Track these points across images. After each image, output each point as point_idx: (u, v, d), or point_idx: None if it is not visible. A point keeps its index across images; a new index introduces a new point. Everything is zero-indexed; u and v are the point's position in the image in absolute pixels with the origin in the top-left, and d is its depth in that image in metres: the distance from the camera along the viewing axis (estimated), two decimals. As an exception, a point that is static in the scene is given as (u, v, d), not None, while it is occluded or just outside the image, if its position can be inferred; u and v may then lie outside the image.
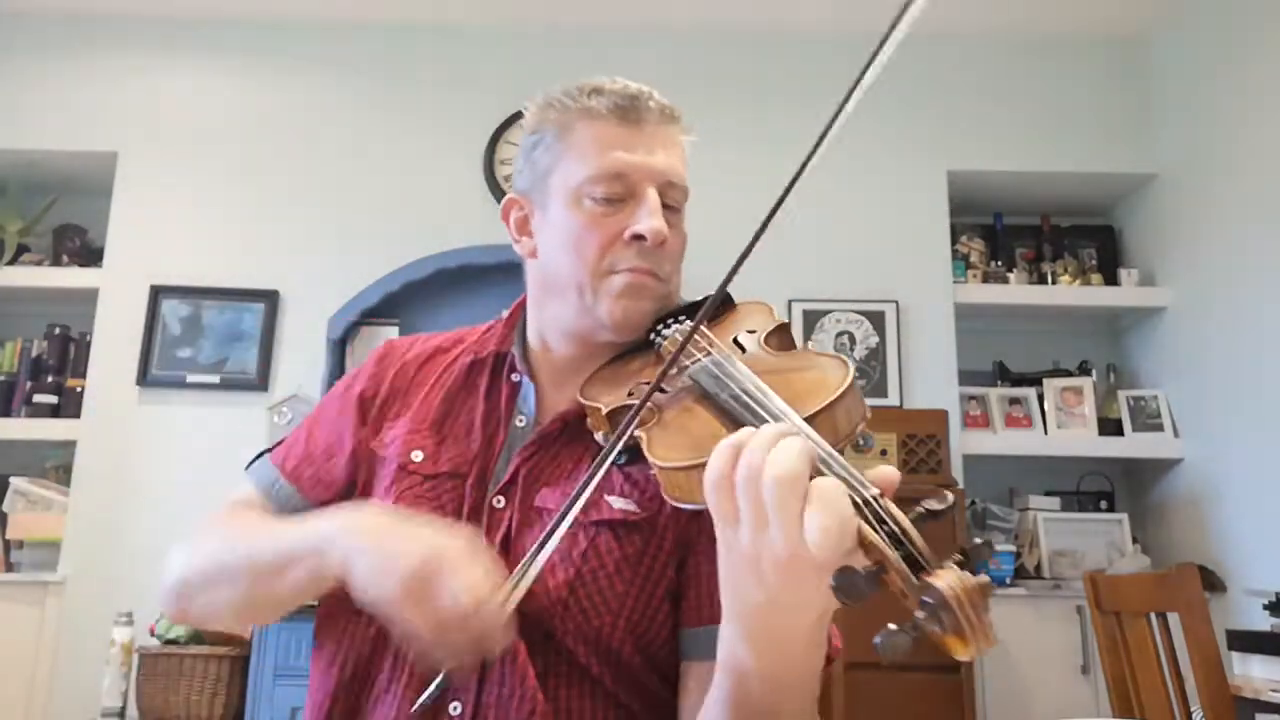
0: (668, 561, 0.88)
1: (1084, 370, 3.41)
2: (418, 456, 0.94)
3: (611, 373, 0.92)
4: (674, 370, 0.80)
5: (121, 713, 2.61)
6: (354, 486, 0.99)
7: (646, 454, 0.73)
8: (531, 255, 0.99)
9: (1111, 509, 3.29)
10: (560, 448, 0.93)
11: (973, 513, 3.10)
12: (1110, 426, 3.24)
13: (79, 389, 3.19)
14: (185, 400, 3.16)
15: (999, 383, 3.42)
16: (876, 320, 3.27)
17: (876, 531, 0.56)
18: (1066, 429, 3.25)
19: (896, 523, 0.56)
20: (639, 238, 0.90)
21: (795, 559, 0.57)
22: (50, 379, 3.24)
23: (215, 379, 3.18)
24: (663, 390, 0.81)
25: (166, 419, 3.15)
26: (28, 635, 2.95)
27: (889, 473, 0.60)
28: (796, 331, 3.25)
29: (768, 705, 0.70)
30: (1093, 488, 3.35)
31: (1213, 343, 3.06)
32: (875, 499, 0.57)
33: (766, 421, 0.66)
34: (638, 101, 0.93)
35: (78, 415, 3.15)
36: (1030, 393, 3.32)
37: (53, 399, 3.21)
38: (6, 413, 3.21)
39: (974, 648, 0.52)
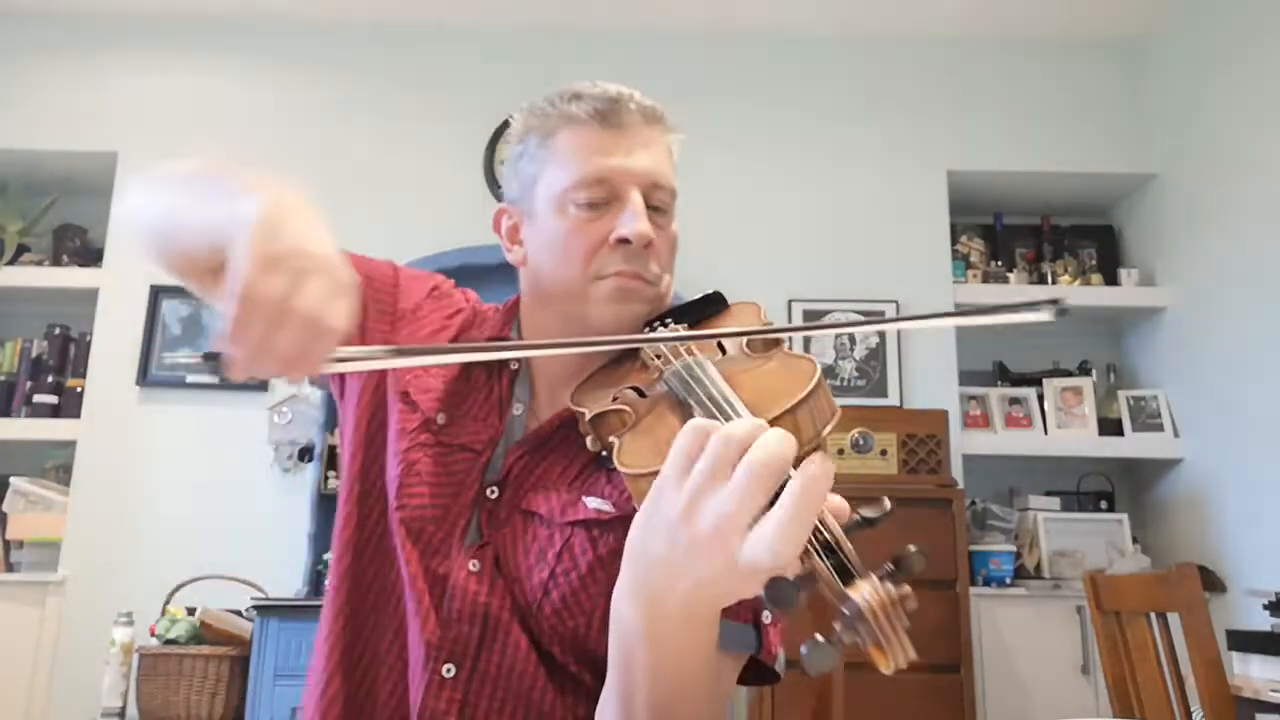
0: None
1: (1084, 370, 3.41)
2: (440, 419, 0.95)
3: (602, 378, 0.92)
4: (653, 374, 0.80)
5: (121, 713, 2.61)
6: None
7: (615, 461, 0.72)
8: (522, 263, 0.99)
9: (1111, 509, 3.29)
10: (552, 450, 0.94)
11: (973, 513, 3.10)
12: (1110, 426, 3.24)
13: (79, 389, 3.19)
14: (185, 400, 3.16)
15: (999, 383, 3.42)
16: (876, 320, 3.27)
17: (811, 541, 0.55)
18: (1066, 429, 3.25)
19: (831, 532, 0.56)
20: (624, 241, 0.90)
21: (720, 536, 0.54)
22: (50, 379, 3.24)
23: (215, 379, 3.18)
24: (643, 394, 0.82)
25: (166, 419, 3.15)
26: (28, 635, 2.95)
27: (841, 504, 0.58)
28: (796, 333, 3.25)
29: (648, 669, 0.67)
30: (1093, 488, 3.35)
31: (1213, 343, 3.06)
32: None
33: None
34: (618, 104, 0.92)
35: (78, 415, 3.15)
36: (1030, 393, 3.32)
37: (53, 399, 3.21)
38: (6, 413, 3.21)
39: (891, 661, 0.51)
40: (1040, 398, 3.31)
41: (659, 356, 0.83)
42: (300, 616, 2.56)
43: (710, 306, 0.96)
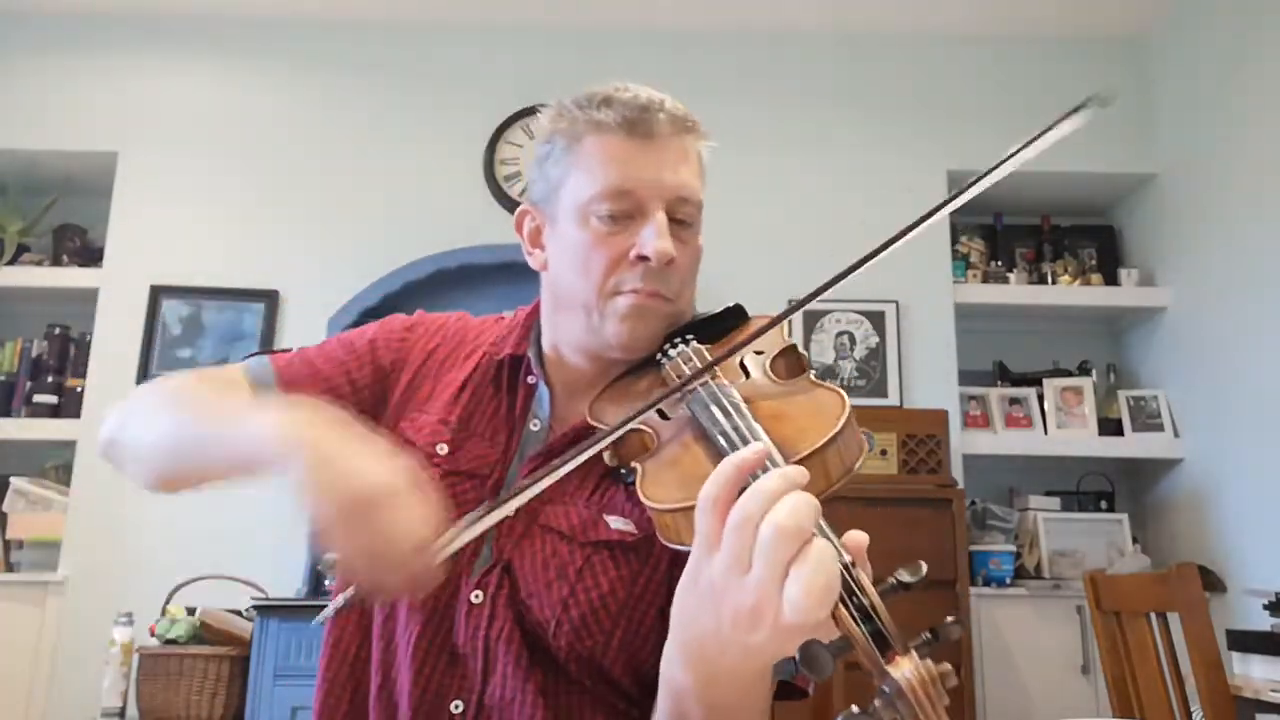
0: (662, 583, 0.87)
1: (1084, 370, 3.41)
2: (442, 449, 0.93)
3: (620, 392, 0.90)
4: (675, 397, 0.79)
5: (121, 713, 2.60)
6: None
7: (640, 492, 0.72)
8: (543, 268, 0.97)
9: (1111, 509, 3.29)
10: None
11: (973, 513, 3.10)
12: (1110, 426, 3.24)
13: (79, 389, 3.19)
14: (185, 400, 3.16)
15: (999, 383, 3.42)
16: (876, 320, 3.27)
17: (847, 605, 0.54)
18: (1066, 429, 3.25)
19: (867, 596, 0.55)
20: (644, 258, 0.88)
21: (759, 609, 0.56)
22: (50, 379, 3.24)
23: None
24: (666, 416, 0.80)
25: (166, 419, 3.14)
26: (28, 635, 2.95)
27: (859, 538, 0.58)
28: (796, 332, 3.25)
29: None
30: (1093, 488, 3.34)
31: (1213, 343, 3.05)
32: (848, 567, 0.56)
33: None
34: (648, 114, 0.89)
35: (78, 415, 3.15)
36: (1030, 393, 3.32)
37: (53, 399, 3.21)
38: (6, 413, 3.21)
39: None
40: (1040, 398, 3.31)
41: (680, 375, 0.82)
42: (300, 616, 2.55)
43: (730, 320, 0.94)
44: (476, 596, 0.87)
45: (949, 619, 0.55)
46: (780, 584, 0.54)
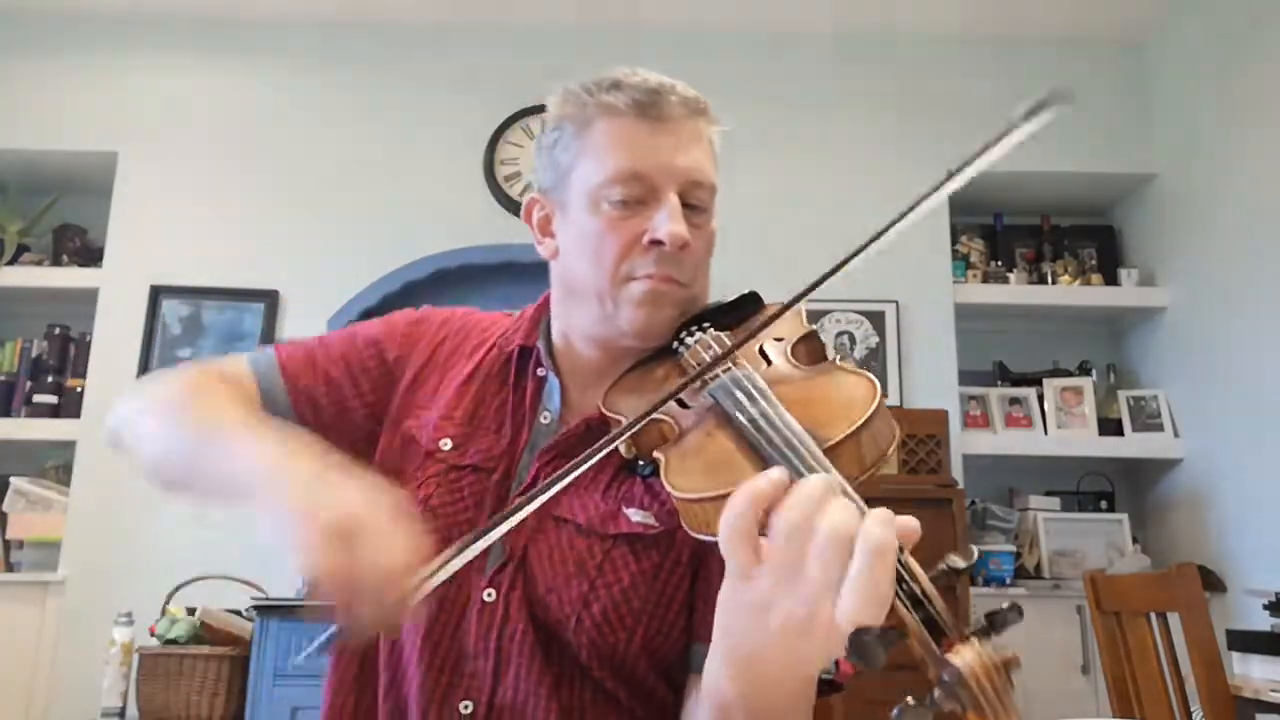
0: (684, 575, 0.85)
1: (1084, 370, 3.41)
2: (446, 445, 0.91)
3: (636, 381, 0.88)
4: (696, 385, 0.77)
5: (121, 713, 2.60)
6: (358, 438, 0.96)
7: (664, 480, 0.70)
8: (554, 257, 0.95)
9: (1111, 509, 3.29)
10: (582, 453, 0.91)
11: (973, 513, 3.10)
12: (1110, 426, 3.24)
13: (79, 389, 3.19)
14: (185, 400, 3.16)
15: (999, 383, 3.42)
16: (876, 320, 3.27)
17: (898, 592, 0.52)
18: (1066, 429, 3.25)
19: (918, 583, 0.53)
20: (657, 243, 0.86)
21: (813, 616, 0.54)
22: (50, 379, 3.24)
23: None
24: (685, 405, 0.78)
25: (166, 419, 3.14)
26: (28, 635, 2.95)
27: (910, 524, 0.55)
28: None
29: None
30: (1093, 488, 3.35)
31: (1213, 343, 3.06)
32: (898, 552, 0.53)
33: (784, 451, 0.63)
34: (658, 96, 0.88)
35: (78, 415, 3.15)
36: (1030, 393, 3.32)
37: (53, 399, 3.21)
38: (6, 413, 3.21)
39: None
40: (1040, 398, 3.31)
41: (700, 363, 0.80)
42: (300, 617, 2.55)
43: (746, 307, 0.92)
44: (489, 595, 0.85)
45: (1005, 604, 0.52)
46: (834, 589, 0.53)
